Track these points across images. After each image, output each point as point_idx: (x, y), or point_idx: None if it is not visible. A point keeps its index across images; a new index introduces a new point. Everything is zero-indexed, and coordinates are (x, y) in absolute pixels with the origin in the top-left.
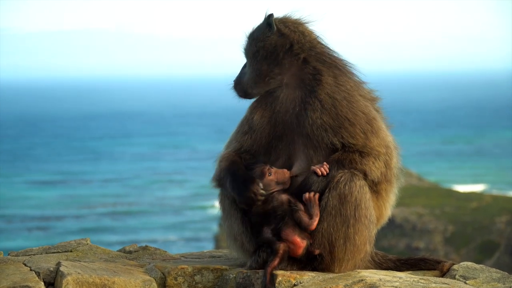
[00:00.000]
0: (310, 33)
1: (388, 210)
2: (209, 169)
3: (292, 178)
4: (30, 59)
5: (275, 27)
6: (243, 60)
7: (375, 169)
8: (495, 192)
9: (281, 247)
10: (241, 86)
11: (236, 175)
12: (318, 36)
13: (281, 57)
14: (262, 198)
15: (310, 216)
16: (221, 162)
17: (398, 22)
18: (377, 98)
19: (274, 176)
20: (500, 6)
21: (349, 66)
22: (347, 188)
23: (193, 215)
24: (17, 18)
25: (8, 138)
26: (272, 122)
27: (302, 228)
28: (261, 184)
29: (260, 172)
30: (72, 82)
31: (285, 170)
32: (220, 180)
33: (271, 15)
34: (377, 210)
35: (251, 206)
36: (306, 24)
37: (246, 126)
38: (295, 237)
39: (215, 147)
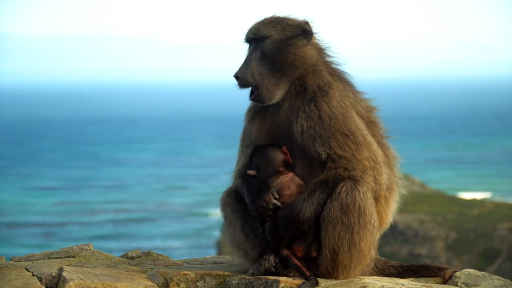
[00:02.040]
0: (323, 44)
1: (390, 216)
2: (212, 175)
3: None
4: (32, 64)
5: (311, 38)
6: (237, 64)
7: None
8: (497, 199)
9: (286, 252)
10: (266, 90)
11: (251, 184)
12: (330, 46)
13: (308, 66)
14: (274, 207)
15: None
16: (237, 179)
17: (402, 29)
18: (374, 108)
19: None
20: (505, 13)
21: (350, 78)
22: (349, 197)
23: (195, 221)
24: (19, 23)
25: (10, 144)
26: (272, 133)
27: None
28: (275, 194)
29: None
30: (74, 87)
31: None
32: (236, 194)
33: (308, 23)
34: (378, 216)
35: (262, 215)
36: (319, 33)
37: (248, 140)
38: (301, 254)
39: (218, 154)
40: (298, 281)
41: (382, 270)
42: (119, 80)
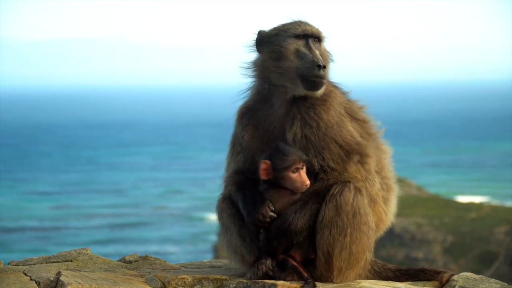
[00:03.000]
0: None
1: (390, 216)
2: (208, 179)
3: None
4: (28, 68)
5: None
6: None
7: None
8: (494, 202)
9: (283, 256)
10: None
11: (246, 195)
12: None
13: None
14: (270, 219)
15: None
16: (229, 186)
17: (402, 31)
18: (363, 106)
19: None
20: (506, 14)
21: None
22: (342, 198)
23: (192, 225)
24: (16, 27)
25: (6, 148)
26: (264, 140)
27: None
28: (271, 206)
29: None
30: (71, 91)
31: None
32: (230, 196)
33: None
34: (375, 216)
35: (258, 227)
36: None
37: (238, 147)
38: (299, 259)
39: (214, 158)
40: (296, 284)
41: (379, 273)
42: (116, 84)
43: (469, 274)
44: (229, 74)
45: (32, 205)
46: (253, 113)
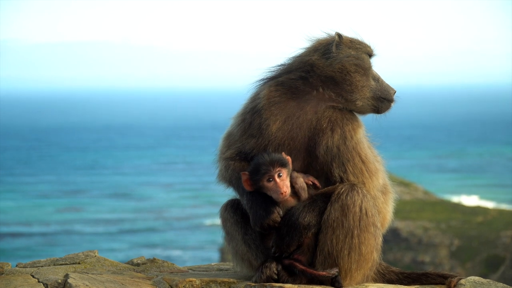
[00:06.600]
0: None
1: (390, 215)
2: (212, 183)
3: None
4: (31, 71)
5: None
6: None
7: None
8: (501, 206)
9: (288, 261)
10: None
11: (256, 196)
12: None
13: None
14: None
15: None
16: (230, 170)
17: (407, 36)
18: None
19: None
20: (507, 20)
21: None
22: (349, 198)
23: (198, 229)
24: (18, 29)
25: (9, 151)
26: (290, 136)
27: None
28: (281, 211)
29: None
30: (75, 94)
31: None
32: (230, 183)
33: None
34: (380, 216)
35: (265, 231)
36: None
37: (256, 130)
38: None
39: None
40: (304, 287)
41: (383, 275)
42: (119, 87)
43: (476, 278)
44: (235, 77)
45: (37, 209)
46: (285, 105)
